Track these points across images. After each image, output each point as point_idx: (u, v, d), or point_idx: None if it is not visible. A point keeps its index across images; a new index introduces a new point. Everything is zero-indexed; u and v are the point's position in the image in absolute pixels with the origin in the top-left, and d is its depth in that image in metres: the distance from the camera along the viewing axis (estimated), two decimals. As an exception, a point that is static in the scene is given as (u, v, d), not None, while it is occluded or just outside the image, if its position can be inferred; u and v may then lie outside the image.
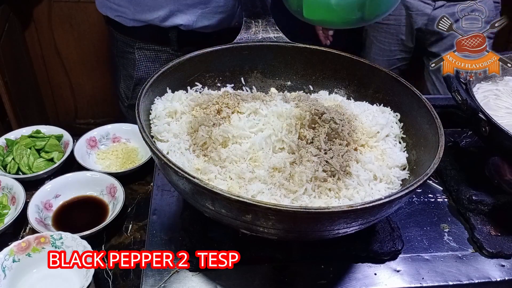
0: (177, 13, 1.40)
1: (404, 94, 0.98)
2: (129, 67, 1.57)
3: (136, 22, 1.44)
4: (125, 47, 1.54)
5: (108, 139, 1.33)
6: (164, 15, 1.40)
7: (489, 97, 1.08)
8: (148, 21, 1.42)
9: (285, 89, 1.12)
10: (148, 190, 1.19)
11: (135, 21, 1.44)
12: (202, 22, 1.43)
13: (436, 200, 1.08)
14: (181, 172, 0.71)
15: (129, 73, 1.58)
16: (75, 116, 2.64)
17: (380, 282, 0.89)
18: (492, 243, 0.95)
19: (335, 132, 0.89)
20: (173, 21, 1.42)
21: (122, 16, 1.45)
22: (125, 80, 1.62)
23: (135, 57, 1.53)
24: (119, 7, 1.43)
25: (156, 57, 1.53)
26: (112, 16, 1.48)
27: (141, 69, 1.55)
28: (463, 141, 1.25)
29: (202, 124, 0.89)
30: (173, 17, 1.41)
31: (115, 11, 1.46)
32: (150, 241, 0.93)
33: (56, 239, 0.93)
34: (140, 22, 1.44)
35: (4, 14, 2.09)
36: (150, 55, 1.53)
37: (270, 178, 0.81)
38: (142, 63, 1.54)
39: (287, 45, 1.09)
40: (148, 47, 1.51)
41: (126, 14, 1.44)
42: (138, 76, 1.56)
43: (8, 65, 2.04)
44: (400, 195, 0.71)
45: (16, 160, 1.20)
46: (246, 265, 0.88)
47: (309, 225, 0.74)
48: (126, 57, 1.56)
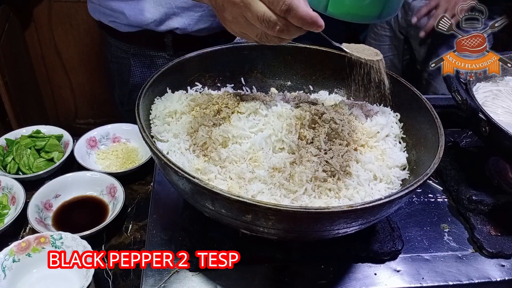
0: (172, 16, 1.38)
1: (404, 94, 0.98)
2: (123, 73, 1.53)
3: (130, 28, 1.42)
4: (120, 52, 1.51)
5: (108, 139, 1.33)
6: (159, 18, 1.38)
7: (489, 97, 1.08)
8: (143, 25, 1.39)
9: (285, 89, 1.12)
10: (148, 190, 1.19)
11: (130, 26, 1.41)
12: (198, 25, 1.41)
13: (436, 200, 1.08)
14: (181, 172, 0.71)
15: (123, 79, 1.55)
16: (75, 116, 2.64)
17: (380, 282, 0.89)
18: (492, 243, 0.95)
19: (335, 132, 0.89)
20: (169, 24, 1.39)
21: (117, 22, 1.42)
22: (120, 86, 1.58)
23: (130, 62, 1.50)
24: (113, 13, 1.41)
25: (152, 62, 1.49)
26: (106, 22, 1.45)
27: (136, 75, 1.51)
28: (463, 141, 1.25)
29: (202, 124, 0.89)
30: (168, 21, 1.39)
31: (109, 16, 1.43)
32: (150, 241, 0.93)
33: (56, 239, 0.93)
34: (134, 27, 1.41)
35: (4, 14, 2.09)
36: (145, 61, 1.49)
37: (270, 178, 0.81)
38: (138, 69, 1.51)
39: (287, 45, 1.08)
40: (143, 52, 1.48)
41: (120, 20, 1.41)
42: (134, 82, 1.52)
43: (8, 65, 2.04)
44: (400, 195, 0.71)
45: (16, 160, 1.20)
46: (246, 265, 0.88)
47: (309, 225, 0.74)
48: (120, 63, 1.53)
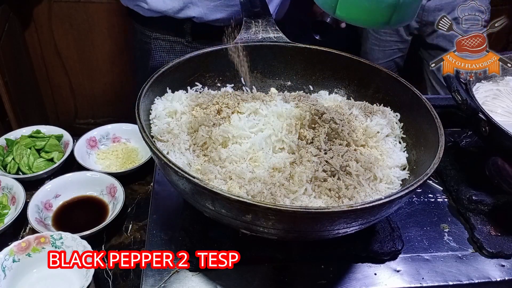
0: (189, 5, 1.44)
1: (404, 94, 0.98)
2: (145, 57, 1.61)
3: (152, 13, 1.49)
4: (144, 37, 1.59)
5: (108, 139, 1.33)
6: (178, 6, 1.44)
7: (489, 97, 1.08)
8: (162, 11, 1.46)
9: (285, 89, 1.12)
10: (148, 190, 1.19)
11: (152, 11, 1.48)
12: (214, 15, 1.46)
13: (436, 200, 1.08)
14: (181, 172, 0.71)
15: (144, 64, 1.62)
16: (75, 116, 2.64)
17: (380, 282, 0.89)
18: (492, 243, 0.95)
19: (335, 132, 0.89)
20: (186, 13, 1.46)
21: (140, 6, 1.49)
22: (142, 70, 1.66)
23: (151, 47, 1.57)
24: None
25: (171, 48, 1.57)
26: (132, 6, 1.53)
27: (156, 59, 1.59)
28: (463, 141, 1.25)
29: (202, 124, 0.89)
30: (186, 9, 1.45)
31: (134, 1, 1.50)
32: (150, 241, 0.93)
33: (56, 239, 0.93)
34: (156, 12, 1.48)
35: (4, 14, 2.09)
36: (165, 46, 1.57)
37: (270, 178, 0.81)
38: (157, 53, 1.58)
39: (287, 45, 1.09)
40: (164, 38, 1.56)
41: (143, 5, 1.48)
42: (153, 65, 1.60)
43: (8, 65, 2.04)
44: (400, 195, 0.71)
45: (16, 160, 1.20)
46: (246, 265, 0.88)
47: (309, 225, 0.74)
48: (143, 48, 1.61)
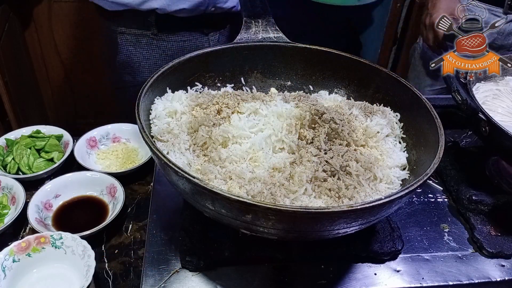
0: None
1: (404, 94, 0.98)
2: (113, 52, 1.60)
3: (116, 6, 1.47)
4: (110, 33, 1.57)
5: (108, 139, 1.33)
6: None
7: (489, 97, 1.08)
8: (126, 3, 1.45)
9: (285, 89, 1.12)
10: (148, 190, 1.19)
11: (115, 4, 1.46)
12: (176, 5, 1.45)
13: (436, 200, 1.08)
14: (181, 172, 0.71)
15: (112, 59, 1.61)
16: (75, 116, 2.64)
17: (380, 282, 0.89)
18: (492, 243, 0.95)
19: (335, 132, 0.89)
20: (149, 4, 1.44)
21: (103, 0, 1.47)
22: (110, 65, 1.65)
23: (118, 41, 1.56)
24: None
25: (137, 41, 1.55)
26: (96, 1, 1.51)
27: (123, 53, 1.57)
28: (463, 141, 1.25)
29: (202, 124, 0.89)
30: (149, 1, 1.44)
31: None
32: (150, 241, 0.93)
33: (56, 239, 0.93)
34: (119, 5, 1.46)
35: (4, 14, 2.09)
36: (132, 40, 1.55)
37: (270, 178, 0.81)
38: (124, 47, 1.56)
39: (287, 45, 1.08)
40: (129, 31, 1.54)
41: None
42: (120, 60, 1.58)
43: (8, 65, 2.04)
44: (400, 195, 0.71)
45: (16, 160, 1.20)
46: (246, 265, 0.88)
47: (309, 225, 0.74)
48: (112, 43, 1.59)
